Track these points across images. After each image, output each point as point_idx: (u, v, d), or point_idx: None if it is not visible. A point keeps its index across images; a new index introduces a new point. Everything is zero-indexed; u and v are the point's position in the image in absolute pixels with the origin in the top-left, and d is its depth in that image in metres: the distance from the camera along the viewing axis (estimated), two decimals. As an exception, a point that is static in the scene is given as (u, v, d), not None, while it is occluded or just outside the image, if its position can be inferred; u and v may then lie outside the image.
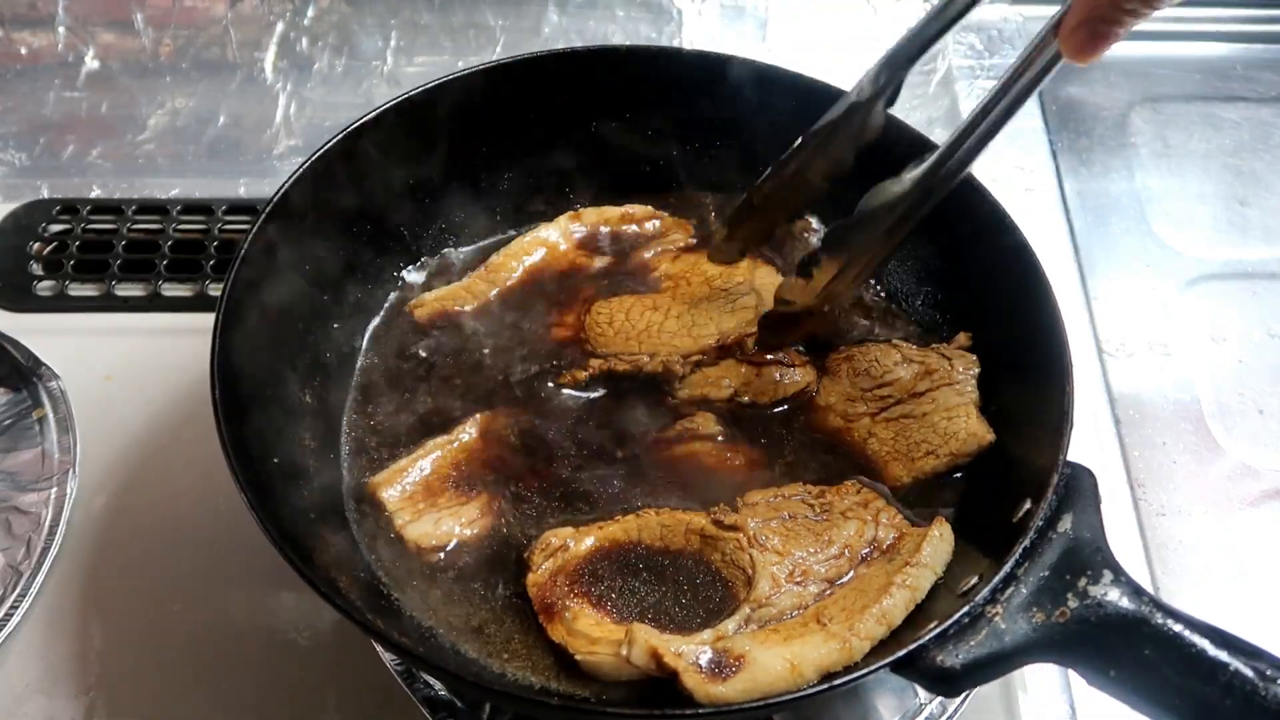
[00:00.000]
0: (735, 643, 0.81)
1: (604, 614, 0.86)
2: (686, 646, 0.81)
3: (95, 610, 1.04)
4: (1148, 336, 1.27)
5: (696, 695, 0.78)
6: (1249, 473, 1.17)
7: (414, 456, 0.97)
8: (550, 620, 0.86)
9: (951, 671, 0.75)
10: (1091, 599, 0.75)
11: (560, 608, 0.87)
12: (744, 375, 1.01)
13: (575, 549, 0.90)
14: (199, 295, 1.28)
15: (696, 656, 0.80)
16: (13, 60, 1.48)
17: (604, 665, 0.83)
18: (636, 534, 0.91)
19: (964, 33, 1.57)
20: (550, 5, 1.54)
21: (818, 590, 0.87)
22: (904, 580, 0.85)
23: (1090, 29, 0.68)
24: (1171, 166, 1.45)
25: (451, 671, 0.82)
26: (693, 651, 0.80)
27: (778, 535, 0.89)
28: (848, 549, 0.89)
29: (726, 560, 0.88)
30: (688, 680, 0.79)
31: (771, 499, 0.93)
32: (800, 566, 0.88)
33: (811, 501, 0.93)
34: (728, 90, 1.10)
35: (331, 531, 0.92)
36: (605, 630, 0.85)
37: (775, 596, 0.85)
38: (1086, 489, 0.83)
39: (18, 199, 1.36)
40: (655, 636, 0.82)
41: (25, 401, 1.15)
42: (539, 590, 0.88)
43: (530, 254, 1.11)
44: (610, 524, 0.92)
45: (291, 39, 1.51)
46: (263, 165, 1.42)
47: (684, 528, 0.90)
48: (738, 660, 0.80)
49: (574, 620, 0.86)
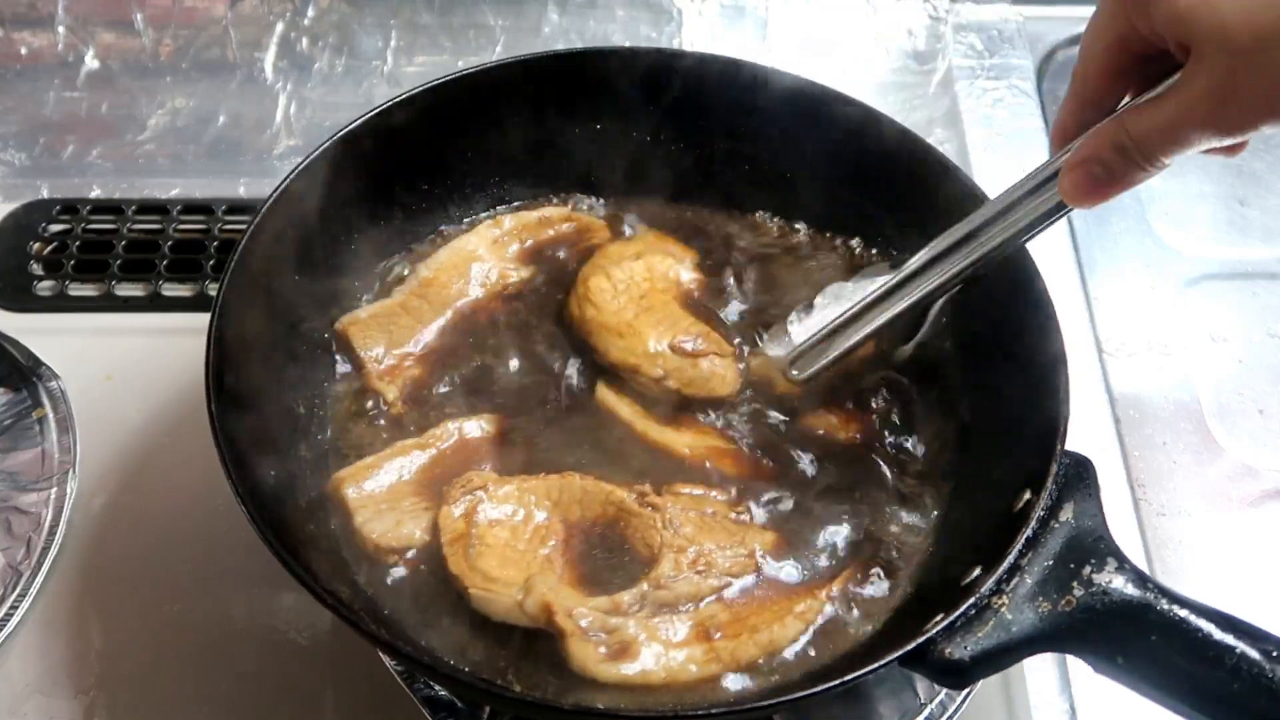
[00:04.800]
0: (625, 631, 0.83)
1: (508, 558, 0.88)
2: (580, 609, 0.83)
3: (95, 610, 1.03)
4: (1148, 336, 1.27)
5: (573, 662, 0.81)
6: (1249, 473, 1.17)
7: (383, 455, 0.96)
8: (455, 552, 0.88)
9: (960, 664, 0.75)
10: (1096, 587, 0.76)
11: (467, 542, 0.88)
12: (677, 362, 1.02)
13: (494, 492, 0.91)
14: (199, 295, 1.27)
15: (587, 624, 0.82)
16: (13, 60, 1.48)
17: (496, 605, 0.85)
18: (558, 493, 0.92)
19: (964, 33, 1.57)
20: (550, 5, 1.55)
21: (717, 585, 0.88)
22: (802, 611, 0.87)
23: (1087, 171, 0.72)
24: (1172, 166, 1.45)
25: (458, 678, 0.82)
26: (584, 616, 0.83)
27: (692, 525, 0.91)
28: (759, 552, 0.91)
29: (636, 536, 0.90)
30: (572, 645, 0.81)
31: (698, 492, 0.94)
32: (706, 557, 0.89)
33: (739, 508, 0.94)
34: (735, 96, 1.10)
35: (329, 534, 0.92)
36: (505, 573, 0.87)
37: (674, 580, 0.87)
38: (1086, 478, 0.83)
39: (18, 199, 1.36)
40: (553, 592, 0.84)
41: (25, 401, 1.15)
42: (450, 522, 0.89)
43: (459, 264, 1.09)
44: (534, 479, 0.93)
45: (291, 39, 1.51)
46: (263, 165, 1.42)
47: (605, 497, 0.92)
48: (622, 646, 0.82)
49: (478, 557, 0.87)
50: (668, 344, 1.02)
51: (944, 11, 1.59)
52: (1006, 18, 1.59)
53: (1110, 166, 0.73)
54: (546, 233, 1.14)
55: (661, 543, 0.89)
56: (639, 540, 0.90)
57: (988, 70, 1.52)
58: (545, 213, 1.15)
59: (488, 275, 1.10)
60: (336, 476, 0.95)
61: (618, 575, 0.89)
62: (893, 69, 1.55)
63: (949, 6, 1.59)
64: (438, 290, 1.07)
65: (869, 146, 1.07)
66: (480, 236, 1.11)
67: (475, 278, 1.09)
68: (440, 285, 1.08)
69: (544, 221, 1.14)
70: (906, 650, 0.76)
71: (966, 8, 1.60)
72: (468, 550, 0.88)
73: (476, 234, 1.11)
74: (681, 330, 1.03)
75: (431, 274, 1.08)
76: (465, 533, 0.89)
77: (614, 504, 0.91)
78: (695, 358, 1.02)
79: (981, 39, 1.57)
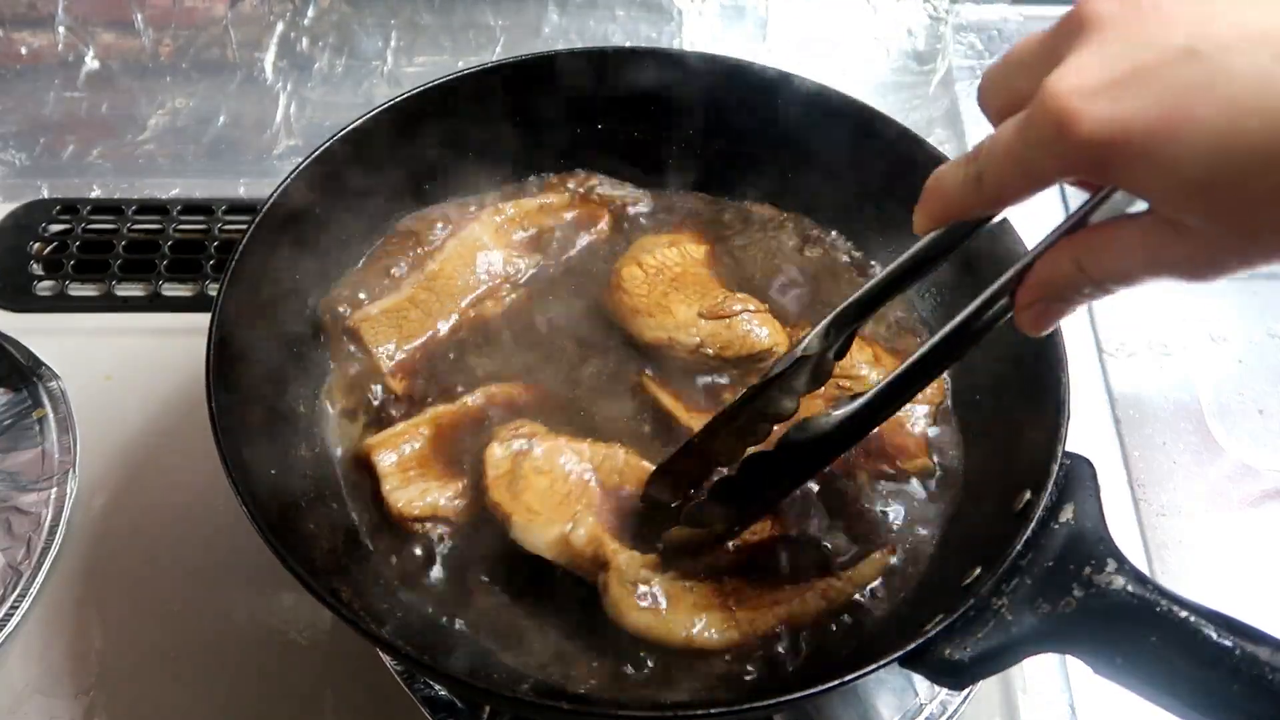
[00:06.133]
0: (660, 583, 0.85)
1: (549, 501, 0.89)
2: (625, 554, 0.85)
3: (95, 610, 1.04)
4: (1148, 336, 1.27)
5: (609, 599, 0.84)
6: (1249, 473, 1.17)
7: (414, 421, 0.96)
8: (498, 485, 0.89)
9: (960, 664, 0.75)
10: (1096, 588, 0.75)
11: (514, 475, 0.89)
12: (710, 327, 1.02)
13: (541, 442, 0.92)
14: (199, 295, 1.28)
15: (629, 565, 0.84)
16: (13, 60, 1.48)
17: (539, 535, 0.87)
18: (600, 459, 0.93)
19: (964, 33, 1.58)
20: (550, 5, 1.55)
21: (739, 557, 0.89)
22: (825, 589, 0.87)
23: (1045, 307, 0.70)
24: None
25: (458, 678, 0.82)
26: (627, 558, 0.85)
27: None
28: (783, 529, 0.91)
29: None
30: (613, 582, 0.84)
31: None
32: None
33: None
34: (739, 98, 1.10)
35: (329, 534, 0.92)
36: (548, 508, 0.88)
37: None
38: (1086, 479, 0.83)
39: (18, 199, 1.36)
40: (602, 529, 0.86)
41: (25, 401, 1.15)
42: (495, 459, 0.91)
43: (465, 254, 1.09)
44: (580, 441, 0.94)
45: (291, 39, 1.52)
46: (263, 165, 1.42)
47: (645, 474, 0.92)
48: (655, 598, 0.84)
49: (523, 490, 0.89)
50: (698, 311, 1.02)
51: (944, 11, 1.59)
52: (1006, 18, 1.60)
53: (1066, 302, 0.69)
54: (549, 219, 1.14)
55: None
56: None
57: (988, 70, 1.52)
58: (546, 199, 1.15)
59: (495, 264, 1.10)
60: (369, 443, 0.95)
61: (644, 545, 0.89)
62: (893, 69, 1.55)
63: (949, 6, 1.59)
64: (445, 282, 1.07)
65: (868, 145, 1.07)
66: (484, 225, 1.11)
67: (482, 267, 1.09)
68: (448, 277, 1.07)
69: (545, 208, 1.14)
70: (906, 650, 0.76)
71: (966, 8, 1.60)
72: (512, 485, 0.89)
73: (480, 223, 1.11)
74: (712, 298, 1.04)
75: (438, 266, 1.08)
76: (510, 471, 0.90)
77: None
78: (728, 317, 1.01)
79: (981, 39, 1.57)
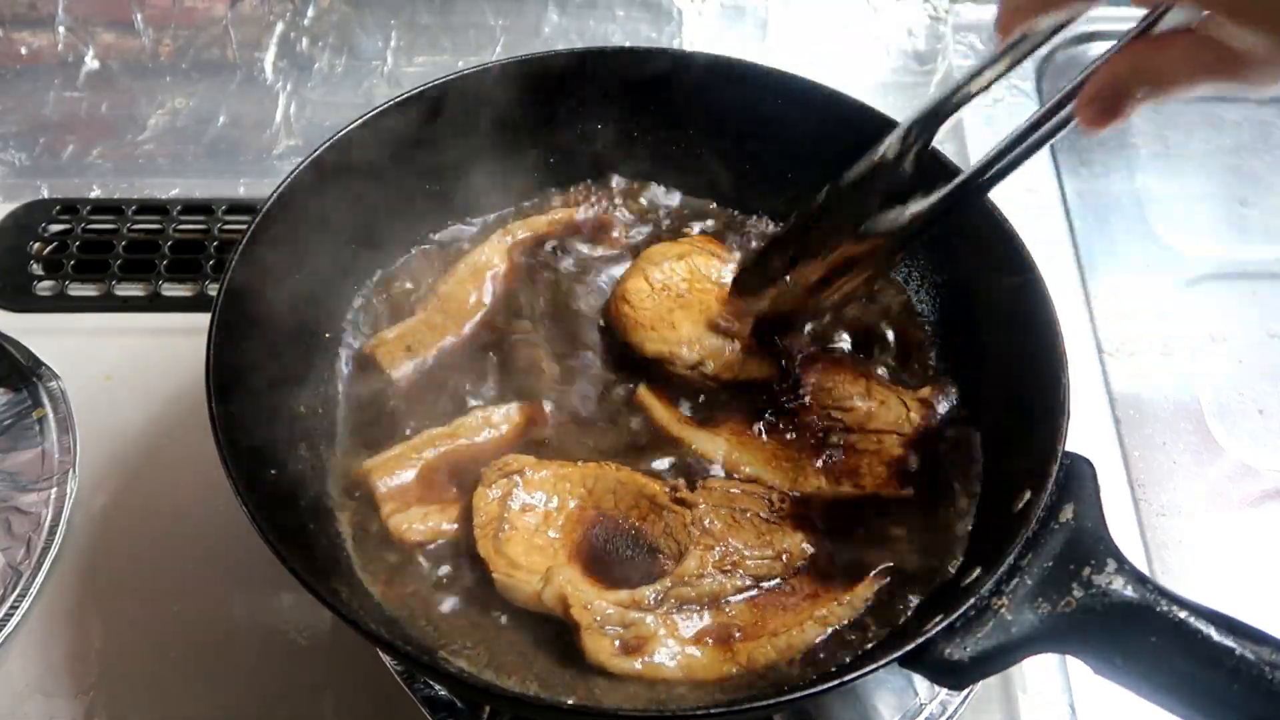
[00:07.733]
0: (644, 625, 0.84)
1: (535, 545, 0.89)
2: (598, 603, 0.84)
3: (95, 610, 1.04)
4: (1148, 336, 1.27)
5: (587, 654, 0.82)
6: (1249, 473, 1.17)
7: (411, 444, 0.96)
8: (485, 535, 0.89)
9: (959, 664, 0.75)
10: (1096, 588, 0.76)
11: (498, 525, 0.89)
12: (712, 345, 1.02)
13: (530, 477, 0.92)
14: (199, 295, 1.28)
15: (603, 618, 0.83)
16: (13, 60, 1.48)
17: (518, 592, 0.86)
18: (593, 481, 0.92)
19: (964, 33, 1.58)
20: (550, 5, 1.55)
21: (741, 585, 0.88)
22: (823, 615, 0.86)
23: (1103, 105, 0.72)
24: (1172, 167, 1.45)
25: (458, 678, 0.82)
26: (602, 610, 0.83)
27: (723, 522, 0.91)
28: (786, 555, 0.90)
29: (666, 531, 0.90)
30: (586, 638, 0.82)
31: (733, 489, 0.94)
32: (733, 556, 0.89)
33: (773, 503, 0.94)
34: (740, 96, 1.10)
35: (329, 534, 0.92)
36: (529, 560, 0.87)
37: (699, 579, 0.87)
38: (1086, 479, 0.83)
39: (18, 199, 1.36)
40: (571, 585, 0.85)
41: (25, 401, 1.15)
42: (484, 504, 0.90)
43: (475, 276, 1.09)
44: (570, 465, 0.93)
45: (291, 39, 1.52)
46: (263, 165, 1.42)
47: (639, 490, 0.92)
48: (639, 640, 0.83)
49: (505, 542, 0.88)
50: (702, 327, 1.02)
51: (944, 11, 1.59)
52: (1007, 17, 1.59)
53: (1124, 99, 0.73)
54: (558, 234, 1.14)
55: (689, 539, 0.89)
56: (668, 536, 0.90)
57: (988, 69, 1.52)
58: (554, 216, 1.15)
59: (504, 282, 1.10)
60: (365, 466, 0.95)
61: (642, 569, 0.89)
62: (893, 69, 1.55)
63: (949, 6, 1.59)
64: (457, 305, 1.08)
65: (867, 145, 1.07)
66: (493, 247, 1.12)
67: (491, 287, 1.10)
68: (459, 299, 1.08)
69: (554, 224, 1.14)
70: (906, 650, 0.76)
71: (966, 8, 1.60)
72: (497, 534, 0.88)
73: (489, 245, 1.12)
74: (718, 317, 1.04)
75: (450, 288, 1.08)
76: (498, 515, 0.90)
77: (647, 497, 0.92)
78: (731, 337, 1.02)
79: (981, 39, 1.57)
